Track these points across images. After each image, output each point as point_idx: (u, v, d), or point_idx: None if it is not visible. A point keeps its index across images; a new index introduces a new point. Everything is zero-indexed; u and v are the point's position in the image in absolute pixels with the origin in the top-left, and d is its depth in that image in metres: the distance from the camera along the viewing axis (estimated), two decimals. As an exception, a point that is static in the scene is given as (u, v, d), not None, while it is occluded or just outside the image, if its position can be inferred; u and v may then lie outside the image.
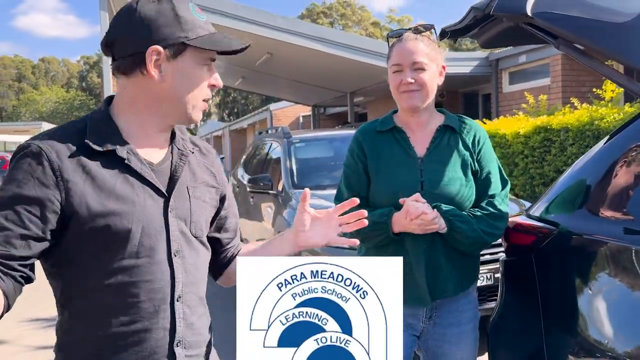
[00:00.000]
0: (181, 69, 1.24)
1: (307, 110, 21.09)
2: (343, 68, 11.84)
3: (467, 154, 1.84)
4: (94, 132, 1.22)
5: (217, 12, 9.62)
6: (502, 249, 2.07)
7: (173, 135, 1.33)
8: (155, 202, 1.24)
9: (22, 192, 1.14)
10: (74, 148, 1.19)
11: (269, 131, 6.85)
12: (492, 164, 1.87)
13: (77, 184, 1.17)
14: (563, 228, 1.58)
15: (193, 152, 1.34)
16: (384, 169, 1.86)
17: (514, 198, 4.80)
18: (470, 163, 1.84)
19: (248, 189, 5.64)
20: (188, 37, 1.22)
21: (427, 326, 1.90)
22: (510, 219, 1.82)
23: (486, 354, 1.99)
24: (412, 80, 1.79)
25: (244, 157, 7.48)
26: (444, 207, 1.75)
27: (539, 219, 1.72)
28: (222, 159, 27.43)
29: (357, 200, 1.42)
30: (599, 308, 1.39)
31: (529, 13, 1.80)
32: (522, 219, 1.80)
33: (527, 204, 3.95)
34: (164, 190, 1.25)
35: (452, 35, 2.32)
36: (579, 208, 1.61)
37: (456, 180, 1.80)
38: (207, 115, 77.74)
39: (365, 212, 1.45)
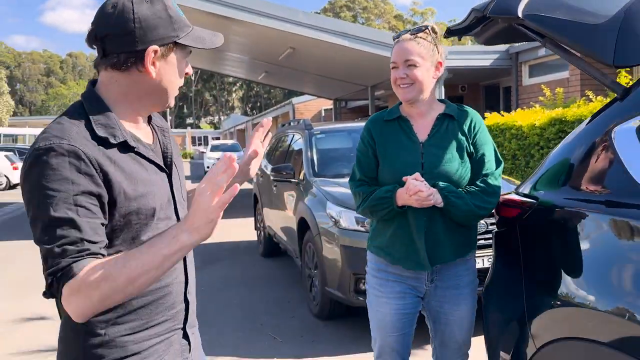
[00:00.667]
0: (171, 64, 1.33)
1: (329, 104, 21.33)
2: (364, 62, 12.03)
3: (463, 138, 2.09)
4: (101, 125, 1.27)
5: (239, 7, 9.89)
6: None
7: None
8: (162, 179, 1.37)
9: (81, 188, 1.18)
10: (94, 142, 1.24)
11: (292, 123, 7.11)
12: (487, 146, 2.12)
13: (113, 174, 1.23)
14: (542, 201, 1.82)
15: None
16: (390, 152, 2.13)
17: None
18: (466, 146, 2.09)
19: (271, 178, 5.93)
20: (179, 35, 1.31)
21: (429, 288, 2.16)
22: (502, 196, 2.06)
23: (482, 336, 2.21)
24: (405, 76, 2.04)
25: (267, 148, 7.76)
26: (442, 184, 2.00)
27: (523, 195, 1.96)
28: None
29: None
30: (573, 270, 1.62)
31: (520, 15, 2.03)
32: (511, 195, 2.04)
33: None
34: (165, 168, 1.40)
35: (456, 33, 2.56)
36: (559, 183, 1.83)
37: (453, 161, 2.06)
38: (230, 109, 78.43)
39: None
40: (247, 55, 15.34)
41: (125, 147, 1.30)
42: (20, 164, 20.36)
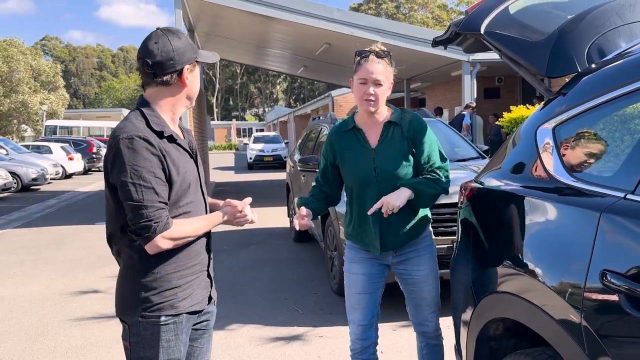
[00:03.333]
0: (194, 75, 1.92)
1: (367, 96, 21.64)
2: (398, 56, 12.30)
3: (405, 142, 2.52)
4: (155, 124, 1.81)
5: (277, 6, 10.40)
6: None
7: None
8: (192, 164, 1.94)
9: (154, 165, 1.75)
10: (154, 135, 1.79)
11: (320, 117, 7.58)
12: (427, 145, 2.54)
13: (168, 156, 1.80)
14: (485, 186, 2.22)
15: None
16: (348, 159, 2.57)
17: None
18: (407, 147, 2.52)
19: (299, 168, 6.43)
20: (197, 56, 1.91)
21: (394, 259, 2.64)
22: (464, 182, 2.48)
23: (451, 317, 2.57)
24: (373, 92, 2.46)
25: (299, 141, 8.27)
26: (404, 180, 2.47)
27: (476, 181, 2.37)
28: (286, 143, 28.44)
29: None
30: (501, 239, 2.01)
31: (482, 32, 2.44)
32: (470, 182, 2.45)
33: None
34: (194, 156, 1.97)
35: (441, 44, 2.96)
36: (507, 170, 2.23)
37: (399, 162, 2.50)
38: (274, 100, 79.40)
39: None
40: (287, 50, 15.86)
41: (170, 139, 1.86)
42: (75, 155, 21.72)
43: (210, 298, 2.07)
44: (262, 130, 54.79)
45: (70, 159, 21.40)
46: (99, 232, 9.13)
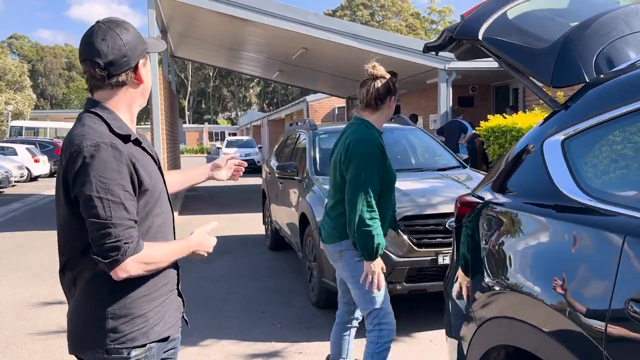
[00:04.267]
0: (147, 68, 1.73)
1: (342, 102, 21.58)
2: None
3: None
4: (118, 127, 1.61)
5: (251, 8, 10.17)
6: None
7: None
8: (158, 171, 1.74)
9: (124, 176, 1.55)
10: (119, 140, 1.58)
11: (299, 123, 7.40)
12: None
13: (137, 163, 1.59)
14: (486, 201, 2.09)
15: None
16: (390, 163, 2.88)
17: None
18: None
19: (277, 175, 6.24)
20: (147, 48, 1.71)
21: None
22: (460, 196, 2.35)
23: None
24: None
25: (276, 147, 8.08)
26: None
27: (474, 196, 2.24)
28: (260, 148, 28.17)
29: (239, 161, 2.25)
30: (504, 261, 1.89)
31: (480, 38, 2.31)
32: (466, 196, 2.32)
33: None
34: (157, 162, 1.76)
35: (433, 49, 2.83)
36: (505, 185, 2.11)
37: None
38: (247, 105, 78.84)
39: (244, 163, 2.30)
40: (262, 54, 15.66)
41: (136, 142, 1.66)
42: (41, 157, 21.10)
43: (184, 321, 1.88)
44: (235, 134, 54.27)
45: (36, 161, 20.82)
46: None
